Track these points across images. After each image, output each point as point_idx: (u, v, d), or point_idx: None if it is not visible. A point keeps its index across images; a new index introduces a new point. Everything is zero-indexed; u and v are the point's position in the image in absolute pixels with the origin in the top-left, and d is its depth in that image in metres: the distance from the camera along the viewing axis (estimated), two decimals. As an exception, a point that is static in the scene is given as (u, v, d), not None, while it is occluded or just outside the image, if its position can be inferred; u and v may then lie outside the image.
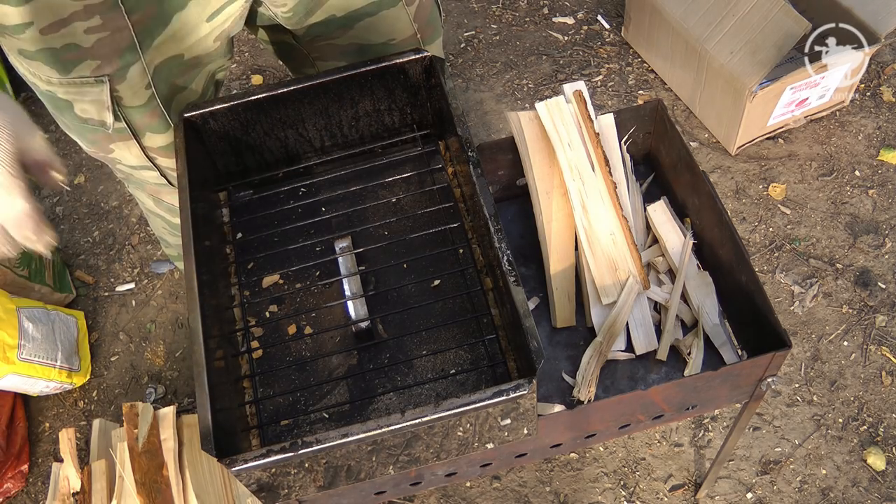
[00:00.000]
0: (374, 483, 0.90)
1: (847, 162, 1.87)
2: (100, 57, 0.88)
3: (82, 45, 0.86)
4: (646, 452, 1.54)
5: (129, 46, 0.89)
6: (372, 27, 1.04)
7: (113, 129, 0.98)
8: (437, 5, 1.13)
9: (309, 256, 1.00)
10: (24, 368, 1.53)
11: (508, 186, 1.17)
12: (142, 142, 1.02)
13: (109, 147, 1.03)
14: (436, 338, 0.92)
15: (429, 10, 1.09)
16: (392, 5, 1.03)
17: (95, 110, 0.95)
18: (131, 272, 1.92)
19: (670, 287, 1.05)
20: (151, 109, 0.97)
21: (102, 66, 0.89)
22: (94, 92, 0.92)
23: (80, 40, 0.86)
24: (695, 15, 1.81)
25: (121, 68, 0.90)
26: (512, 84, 2.13)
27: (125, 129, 0.98)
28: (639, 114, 1.12)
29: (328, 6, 1.00)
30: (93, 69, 0.89)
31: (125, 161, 1.06)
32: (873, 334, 1.63)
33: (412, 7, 1.05)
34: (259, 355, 0.94)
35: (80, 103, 0.94)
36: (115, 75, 0.91)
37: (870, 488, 1.47)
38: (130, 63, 0.91)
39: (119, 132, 0.99)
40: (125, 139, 1.01)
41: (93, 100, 0.93)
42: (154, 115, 0.98)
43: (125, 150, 1.03)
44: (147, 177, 1.10)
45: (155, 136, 1.01)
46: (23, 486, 1.62)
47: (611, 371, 1.01)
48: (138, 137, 1.01)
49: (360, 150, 1.07)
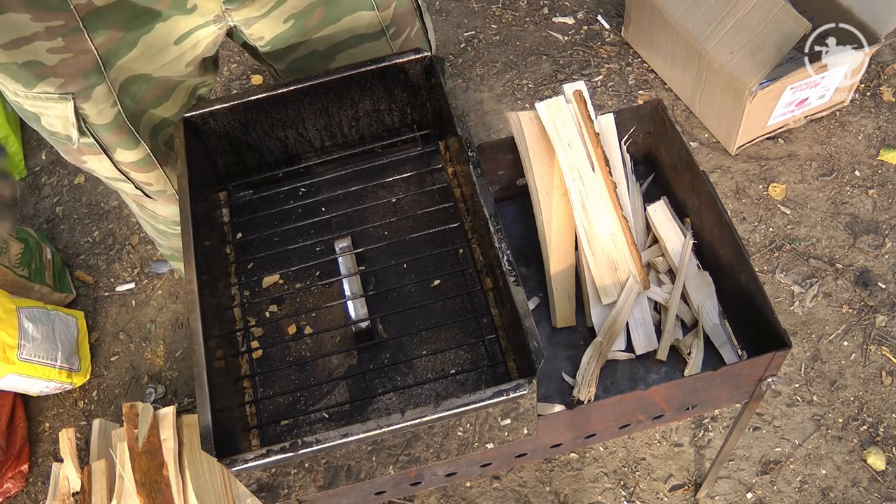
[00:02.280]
0: (374, 483, 0.90)
1: (847, 162, 1.87)
2: (63, 76, 0.87)
3: (45, 63, 0.85)
4: (646, 452, 1.54)
5: (93, 69, 0.88)
6: (353, 59, 1.02)
7: (80, 144, 0.96)
8: (427, 41, 1.11)
9: (309, 256, 1.00)
10: (24, 368, 1.53)
11: (508, 186, 1.17)
12: (112, 157, 1.00)
13: (81, 159, 1.01)
14: (436, 338, 0.92)
15: (416, 43, 1.08)
16: (375, 39, 1.02)
17: (61, 125, 0.94)
18: (131, 272, 1.92)
19: (670, 287, 1.05)
20: (118, 126, 0.96)
21: (66, 85, 0.88)
22: (59, 108, 0.91)
23: (42, 58, 0.85)
24: (695, 15, 1.81)
25: (85, 88, 0.89)
26: (512, 84, 2.13)
27: (94, 143, 0.97)
28: (639, 114, 1.12)
29: (310, 42, 0.99)
30: (56, 87, 0.88)
31: (100, 172, 1.05)
32: (873, 334, 1.63)
33: (397, 41, 1.04)
34: (259, 355, 0.94)
35: (45, 117, 0.93)
36: (79, 94, 0.90)
37: (870, 488, 1.47)
38: (95, 84, 0.89)
39: (88, 146, 0.97)
40: (95, 153, 0.99)
41: (58, 115, 0.92)
42: (122, 133, 0.97)
43: (97, 162, 1.02)
44: (124, 187, 1.09)
45: (126, 151, 1.00)
46: (23, 486, 1.62)
47: (611, 371, 1.01)
48: (108, 153, 0.99)
49: (360, 150, 1.07)
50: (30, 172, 2.13)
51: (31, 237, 1.79)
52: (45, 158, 2.16)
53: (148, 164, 1.03)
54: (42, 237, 1.88)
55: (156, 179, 1.07)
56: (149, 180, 1.07)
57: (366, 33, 1.01)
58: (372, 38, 1.01)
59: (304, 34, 0.98)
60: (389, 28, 1.02)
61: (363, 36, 1.01)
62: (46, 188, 2.10)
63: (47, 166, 2.14)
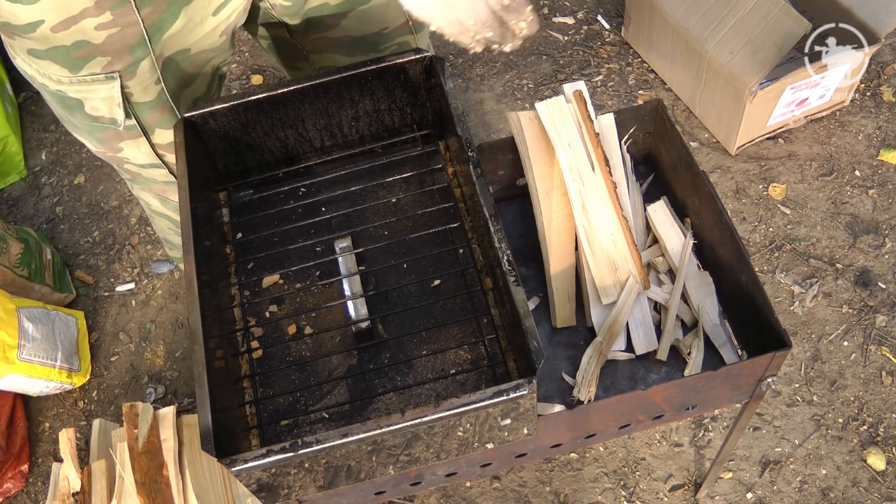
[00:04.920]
0: (374, 483, 0.90)
1: (847, 162, 1.87)
2: (110, 53, 0.89)
3: (93, 41, 0.87)
4: (646, 452, 1.54)
5: (139, 42, 0.89)
6: (364, 16, 1.04)
7: (123, 127, 0.98)
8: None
9: (309, 256, 1.00)
10: (24, 368, 1.53)
11: (508, 186, 1.17)
12: (151, 139, 1.02)
13: (119, 146, 1.03)
14: (436, 338, 0.92)
15: None
16: None
17: (106, 108, 0.95)
18: (131, 272, 1.92)
19: (670, 287, 1.05)
20: (161, 104, 0.98)
21: (113, 63, 0.90)
22: (105, 89, 0.92)
23: (90, 37, 0.86)
24: (695, 15, 1.81)
25: (131, 64, 0.91)
26: (512, 84, 2.13)
27: (135, 125, 0.99)
28: (639, 114, 1.12)
29: None
30: (103, 66, 0.90)
31: (134, 160, 1.06)
32: (873, 334, 1.63)
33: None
34: (259, 355, 0.94)
35: (90, 101, 0.94)
36: (125, 71, 0.91)
37: (870, 488, 1.47)
38: (141, 58, 0.91)
39: (129, 129, 0.99)
40: (135, 136, 1.01)
41: (104, 97, 0.94)
42: (164, 111, 0.99)
43: (134, 147, 1.03)
44: (155, 175, 1.11)
45: (164, 131, 1.02)
46: (23, 486, 1.62)
47: (611, 371, 1.01)
48: (148, 135, 1.01)
49: (360, 150, 1.07)
50: (30, 172, 2.13)
51: (31, 237, 1.79)
52: (45, 158, 2.16)
53: None
54: (42, 237, 1.88)
55: None
56: None
57: None
58: None
59: None
60: None
61: None
62: (46, 188, 2.10)
63: (47, 166, 2.14)
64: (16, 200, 2.09)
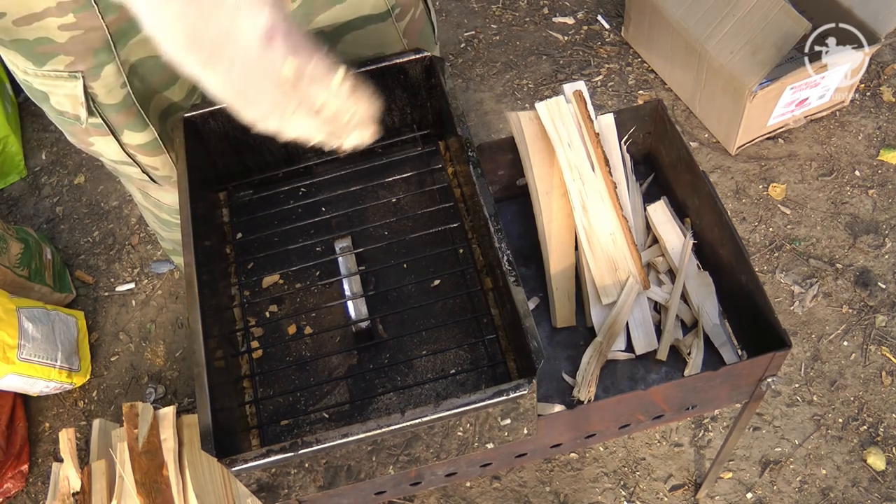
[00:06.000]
0: (374, 483, 0.90)
1: (847, 162, 1.87)
2: (73, 53, 0.87)
3: (56, 40, 0.85)
4: (646, 452, 1.54)
5: (103, 47, 0.88)
6: (360, 41, 1.03)
7: (88, 124, 0.97)
8: (430, 23, 1.12)
9: (309, 256, 1.00)
10: (24, 368, 1.53)
11: (508, 186, 1.17)
12: (120, 139, 1.00)
13: (88, 140, 1.01)
14: (436, 338, 0.92)
15: (420, 26, 1.08)
16: (381, 20, 1.02)
17: (70, 104, 0.94)
18: (131, 272, 1.92)
19: (670, 287, 1.05)
20: (127, 108, 0.96)
21: (76, 63, 0.88)
22: (69, 86, 0.91)
23: (53, 35, 0.85)
24: (695, 15, 1.81)
25: (95, 66, 0.89)
26: (512, 84, 2.13)
27: (102, 124, 0.97)
28: (639, 114, 1.12)
29: (316, 22, 0.99)
30: (66, 64, 0.88)
31: (106, 155, 1.05)
32: (873, 334, 1.63)
33: (402, 23, 1.04)
34: (259, 355, 0.94)
35: (55, 96, 0.93)
36: (88, 73, 0.90)
37: (870, 488, 1.47)
38: (104, 63, 0.89)
39: (96, 126, 0.98)
40: (103, 134, 0.99)
41: (66, 94, 0.92)
42: (130, 114, 0.97)
43: (104, 144, 1.02)
44: (130, 171, 1.09)
45: (133, 133, 1.00)
46: (23, 486, 1.62)
47: (611, 371, 1.01)
48: (116, 134, 1.00)
49: (359, 150, 1.07)
50: (30, 172, 2.13)
51: (31, 237, 1.79)
52: (45, 158, 2.16)
53: (155, 147, 1.04)
54: (42, 237, 1.88)
55: (162, 164, 1.07)
56: (155, 164, 1.07)
57: (371, 14, 1.01)
58: (378, 19, 1.02)
59: (312, 13, 0.98)
60: (394, 9, 1.02)
61: (369, 17, 1.01)
62: (46, 188, 2.10)
63: (47, 166, 2.14)
64: (16, 200, 2.09)
